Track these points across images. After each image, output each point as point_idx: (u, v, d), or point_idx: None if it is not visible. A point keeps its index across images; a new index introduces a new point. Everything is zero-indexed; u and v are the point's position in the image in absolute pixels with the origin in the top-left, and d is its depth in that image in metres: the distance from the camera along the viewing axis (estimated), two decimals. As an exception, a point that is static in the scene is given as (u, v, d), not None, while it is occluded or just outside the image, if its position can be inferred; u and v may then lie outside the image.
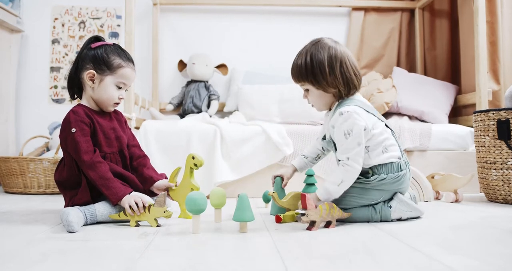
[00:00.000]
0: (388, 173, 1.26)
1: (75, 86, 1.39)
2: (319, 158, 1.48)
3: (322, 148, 1.46)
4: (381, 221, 1.28)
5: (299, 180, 1.57)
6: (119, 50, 1.36)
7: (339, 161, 1.27)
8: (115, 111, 1.46)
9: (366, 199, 1.27)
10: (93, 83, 1.34)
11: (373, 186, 1.25)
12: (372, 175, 1.26)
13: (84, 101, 1.38)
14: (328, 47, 1.27)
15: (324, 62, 1.25)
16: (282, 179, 1.47)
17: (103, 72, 1.33)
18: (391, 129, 1.32)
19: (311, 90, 1.31)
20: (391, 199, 1.29)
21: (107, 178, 1.25)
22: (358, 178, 1.26)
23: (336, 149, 1.30)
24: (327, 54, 1.25)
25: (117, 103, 1.39)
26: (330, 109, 1.35)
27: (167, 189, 1.41)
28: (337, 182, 1.21)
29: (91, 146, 1.29)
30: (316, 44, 1.29)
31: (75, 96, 1.42)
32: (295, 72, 1.31)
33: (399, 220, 1.30)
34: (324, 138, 1.38)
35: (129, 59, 1.37)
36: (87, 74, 1.33)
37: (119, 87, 1.36)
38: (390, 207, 1.27)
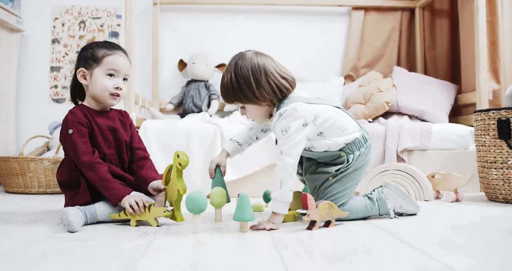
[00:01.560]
0: (359, 148, 1.28)
1: (78, 92, 1.41)
2: (250, 145, 1.48)
3: (257, 137, 1.46)
4: (380, 214, 1.32)
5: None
6: (105, 43, 1.35)
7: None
8: (121, 113, 1.44)
9: (353, 183, 1.29)
10: (86, 80, 1.33)
11: (353, 167, 1.28)
12: (347, 157, 1.27)
13: (85, 102, 1.38)
14: (250, 60, 1.25)
15: (249, 77, 1.23)
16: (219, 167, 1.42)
17: (91, 67, 1.32)
18: (338, 107, 1.34)
19: (246, 106, 1.30)
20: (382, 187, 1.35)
21: (107, 178, 1.25)
22: (337, 169, 1.27)
23: None
24: (250, 68, 1.23)
25: (115, 95, 1.33)
26: (271, 116, 1.33)
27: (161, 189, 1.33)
28: (278, 186, 1.20)
29: (89, 147, 1.28)
30: (238, 60, 1.26)
31: (79, 102, 1.42)
32: (224, 93, 1.28)
33: (400, 215, 1.33)
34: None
35: (115, 47, 1.35)
36: (79, 72, 1.33)
37: (111, 75, 1.32)
38: (382, 192, 1.32)
